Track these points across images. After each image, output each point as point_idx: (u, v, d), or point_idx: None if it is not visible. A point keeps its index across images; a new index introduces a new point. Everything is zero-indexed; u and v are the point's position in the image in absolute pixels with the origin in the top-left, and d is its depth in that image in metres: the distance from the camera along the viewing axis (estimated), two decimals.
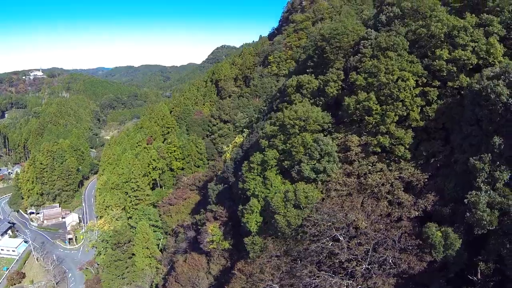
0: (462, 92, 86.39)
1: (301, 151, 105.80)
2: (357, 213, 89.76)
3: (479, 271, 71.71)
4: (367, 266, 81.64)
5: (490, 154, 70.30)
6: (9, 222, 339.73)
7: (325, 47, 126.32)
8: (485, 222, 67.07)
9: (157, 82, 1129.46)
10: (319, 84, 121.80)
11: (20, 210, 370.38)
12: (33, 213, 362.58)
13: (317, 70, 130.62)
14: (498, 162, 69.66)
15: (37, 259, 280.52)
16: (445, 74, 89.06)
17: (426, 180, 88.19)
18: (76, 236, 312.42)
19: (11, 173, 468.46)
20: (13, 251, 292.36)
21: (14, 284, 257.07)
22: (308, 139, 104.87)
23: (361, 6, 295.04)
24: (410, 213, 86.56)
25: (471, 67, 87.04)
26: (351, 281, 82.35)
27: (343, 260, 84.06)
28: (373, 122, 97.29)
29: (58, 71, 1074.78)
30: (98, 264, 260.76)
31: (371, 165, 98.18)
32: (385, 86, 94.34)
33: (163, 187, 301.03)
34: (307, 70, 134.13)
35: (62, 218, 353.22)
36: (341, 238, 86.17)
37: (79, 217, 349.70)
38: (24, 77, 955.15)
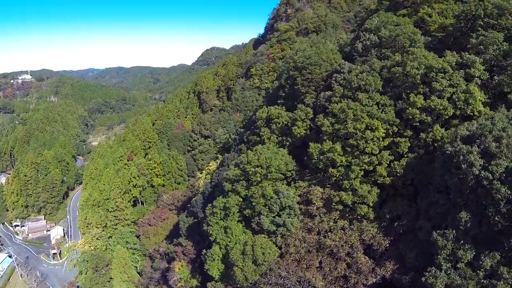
0: (436, 144, 78.93)
1: (261, 202, 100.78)
2: (314, 272, 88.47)
3: None
4: None
5: (454, 231, 64.88)
6: None
7: (297, 77, 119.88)
8: None
9: (147, 84, 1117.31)
10: (288, 120, 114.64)
11: (5, 223, 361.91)
12: (18, 225, 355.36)
13: (288, 102, 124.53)
14: (462, 241, 64.02)
15: (21, 275, 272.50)
16: (418, 124, 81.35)
17: (387, 245, 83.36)
18: (60, 251, 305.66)
19: None
20: None
21: None
22: (268, 190, 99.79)
23: (347, 13, 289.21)
24: (367, 279, 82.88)
25: (447, 117, 79.73)
26: None
27: None
28: (337, 175, 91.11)
29: (47, 74, 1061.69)
30: (78, 287, 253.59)
31: (332, 221, 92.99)
32: (351, 136, 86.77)
33: (144, 204, 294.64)
34: (278, 101, 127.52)
35: (47, 231, 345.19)
36: None
37: (63, 230, 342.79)
38: (12, 81, 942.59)
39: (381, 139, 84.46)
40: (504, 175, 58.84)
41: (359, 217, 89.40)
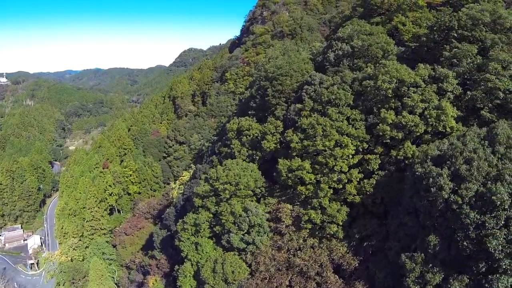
0: (407, 162, 77.13)
1: (230, 220, 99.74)
2: None
3: None
4: None
5: (423, 254, 63.39)
6: None
7: (268, 88, 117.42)
8: None
9: (124, 86, 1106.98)
10: (258, 133, 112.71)
11: None
12: None
13: (259, 113, 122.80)
14: (431, 264, 62.50)
15: None
16: (389, 141, 79.54)
17: (357, 265, 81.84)
18: (38, 261, 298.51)
19: None
20: None
21: None
22: (237, 208, 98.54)
23: (323, 15, 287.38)
24: None
25: (418, 134, 78.18)
26: None
27: None
28: (306, 193, 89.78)
29: (23, 76, 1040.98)
30: None
31: (302, 239, 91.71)
32: (320, 153, 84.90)
33: (121, 212, 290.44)
34: (249, 112, 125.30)
35: (24, 240, 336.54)
36: None
37: (41, 239, 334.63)
38: None
39: (350, 157, 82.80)
40: (473, 199, 57.30)
41: (328, 235, 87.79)
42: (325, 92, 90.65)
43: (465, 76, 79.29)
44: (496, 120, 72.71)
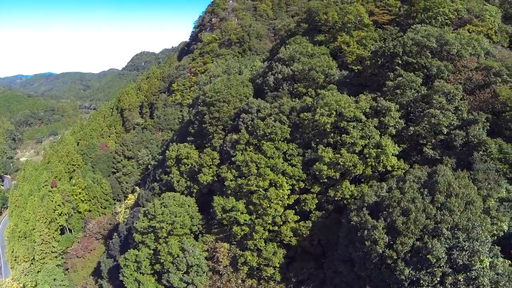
0: (345, 202, 73.19)
1: (169, 259, 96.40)
2: None
3: None
4: None
5: None
6: None
7: (205, 114, 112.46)
8: None
9: (77, 92, 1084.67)
10: (195, 164, 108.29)
11: None
12: None
13: (197, 140, 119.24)
14: None
15: None
16: (325, 180, 75.25)
17: None
18: None
19: None
20: None
21: None
22: (174, 248, 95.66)
23: (273, 20, 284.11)
24: None
25: (356, 174, 75.13)
26: None
27: None
28: (241, 234, 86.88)
29: None
30: None
31: (240, 280, 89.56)
32: (255, 192, 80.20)
33: (72, 231, 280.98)
34: (188, 138, 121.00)
35: None
36: None
37: None
38: None
39: (286, 197, 79.02)
40: (409, 254, 54.88)
41: (266, 277, 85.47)
42: (261, 125, 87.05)
43: (409, 108, 76.30)
44: (439, 157, 70.53)
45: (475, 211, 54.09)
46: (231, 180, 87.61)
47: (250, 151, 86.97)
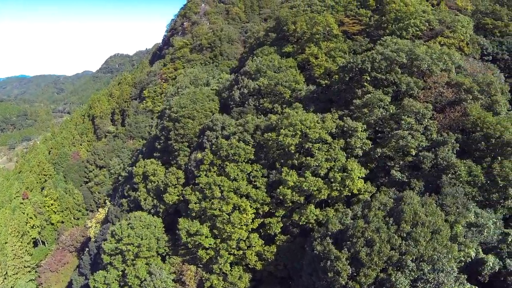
0: (310, 226, 71.26)
1: (136, 283, 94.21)
2: None
3: None
4: None
5: None
6: None
7: (171, 130, 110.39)
8: None
9: (50, 95, 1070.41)
10: (161, 183, 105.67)
11: None
12: None
13: (163, 156, 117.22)
14: None
15: None
16: (290, 204, 73.34)
17: None
18: None
19: None
20: None
21: None
22: (141, 272, 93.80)
23: (246, 23, 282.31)
24: None
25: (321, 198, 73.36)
26: None
27: None
28: (207, 257, 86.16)
29: None
30: None
31: None
32: (218, 217, 78.16)
33: (45, 243, 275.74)
34: (154, 154, 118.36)
35: None
36: None
37: None
38: None
39: (250, 222, 77.68)
40: (373, 286, 53.81)
41: None
42: (225, 145, 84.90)
43: (377, 128, 74.34)
44: (407, 179, 68.85)
45: (441, 241, 53.12)
46: (195, 203, 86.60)
47: (214, 171, 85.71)
